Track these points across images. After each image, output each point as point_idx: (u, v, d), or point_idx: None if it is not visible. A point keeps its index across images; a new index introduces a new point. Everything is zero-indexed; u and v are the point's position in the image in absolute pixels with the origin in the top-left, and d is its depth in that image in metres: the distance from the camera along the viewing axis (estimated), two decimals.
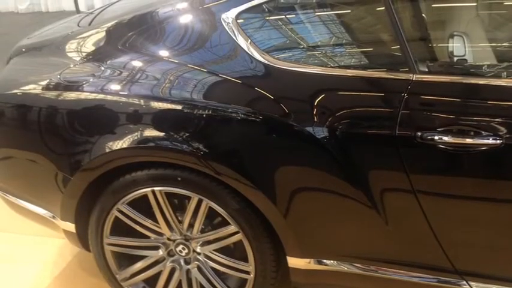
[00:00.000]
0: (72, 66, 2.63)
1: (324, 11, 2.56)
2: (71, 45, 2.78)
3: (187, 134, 2.29)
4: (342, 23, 2.54)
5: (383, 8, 2.18)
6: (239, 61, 2.35)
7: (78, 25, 2.97)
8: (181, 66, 2.42)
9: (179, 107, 2.30)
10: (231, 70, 2.34)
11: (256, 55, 2.32)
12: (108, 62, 2.55)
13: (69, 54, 2.74)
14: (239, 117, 2.23)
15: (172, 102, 2.31)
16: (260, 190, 2.25)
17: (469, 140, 1.99)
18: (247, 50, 2.34)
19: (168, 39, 2.56)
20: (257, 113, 2.21)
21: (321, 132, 2.14)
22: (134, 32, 2.62)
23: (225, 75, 2.33)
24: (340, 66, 2.32)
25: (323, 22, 2.53)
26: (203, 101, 2.29)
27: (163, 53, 2.51)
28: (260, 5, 2.39)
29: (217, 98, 2.30)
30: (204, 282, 2.62)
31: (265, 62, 2.31)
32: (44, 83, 2.59)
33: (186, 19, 2.58)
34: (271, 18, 2.48)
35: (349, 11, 2.57)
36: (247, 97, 2.29)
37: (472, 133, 1.99)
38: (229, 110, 2.24)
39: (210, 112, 2.25)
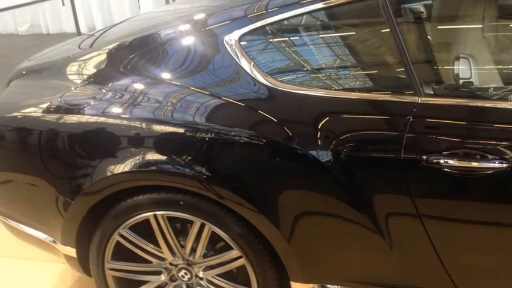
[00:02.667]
0: (73, 89, 2.62)
1: (328, 33, 2.55)
2: (72, 68, 2.77)
3: (189, 158, 2.27)
4: (346, 45, 2.54)
5: (388, 30, 2.17)
6: (242, 84, 2.33)
7: (79, 47, 2.96)
8: (183, 89, 2.40)
9: (181, 130, 2.28)
10: (234, 93, 2.33)
11: (259, 78, 2.30)
12: (110, 85, 2.53)
13: (70, 77, 2.73)
14: (242, 141, 2.21)
15: (174, 125, 2.30)
16: (263, 214, 2.22)
17: (475, 164, 1.97)
18: (250, 72, 2.33)
19: (170, 62, 2.54)
20: (260, 137, 2.19)
21: (325, 156, 2.12)
22: (136, 54, 2.61)
23: (228, 98, 2.31)
24: (344, 89, 2.31)
25: (327, 44, 2.53)
26: (205, 124, 2.27)
27: (165, 75, 2.49)
28: (263, 27, 2.38)
29: (220, 121, 2.28)
30: None
31: (269, 84, 2.29)
32: (45, 105, 2.57)
33: (188, 41, 2.56)
34: (274, 40, 2.47)
35: (354, 33, 2.56)
36: (250, 120, 2.27)
37: (478, 157, 1.97)
38: (232, 133, 2.22)
39: (213, 135, 2.23)
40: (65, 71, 2.77)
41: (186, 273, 2.55)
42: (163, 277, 2.60)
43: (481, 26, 2.50)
